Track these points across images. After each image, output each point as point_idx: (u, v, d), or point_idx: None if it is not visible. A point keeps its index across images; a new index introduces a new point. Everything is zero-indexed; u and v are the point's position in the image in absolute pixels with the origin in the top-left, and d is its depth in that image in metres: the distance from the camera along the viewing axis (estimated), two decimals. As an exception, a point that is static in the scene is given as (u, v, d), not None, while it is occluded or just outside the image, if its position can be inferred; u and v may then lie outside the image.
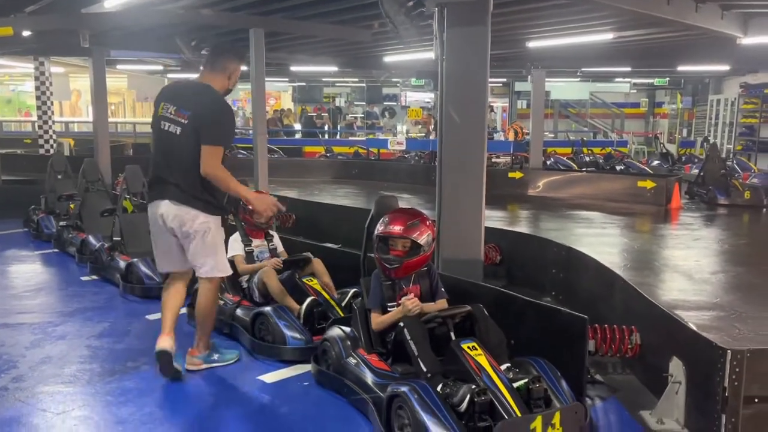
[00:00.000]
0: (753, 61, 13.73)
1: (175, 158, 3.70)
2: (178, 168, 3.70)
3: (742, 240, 7.97)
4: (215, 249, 3.85)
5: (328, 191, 11.57)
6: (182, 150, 3.66)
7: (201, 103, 3.68)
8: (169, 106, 3.71)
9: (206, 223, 3.74)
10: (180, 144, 3.66)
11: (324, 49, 11.65)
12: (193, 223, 3.71)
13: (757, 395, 2.91)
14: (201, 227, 3.73)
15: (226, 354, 4.13)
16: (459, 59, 4.47)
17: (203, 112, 3.66)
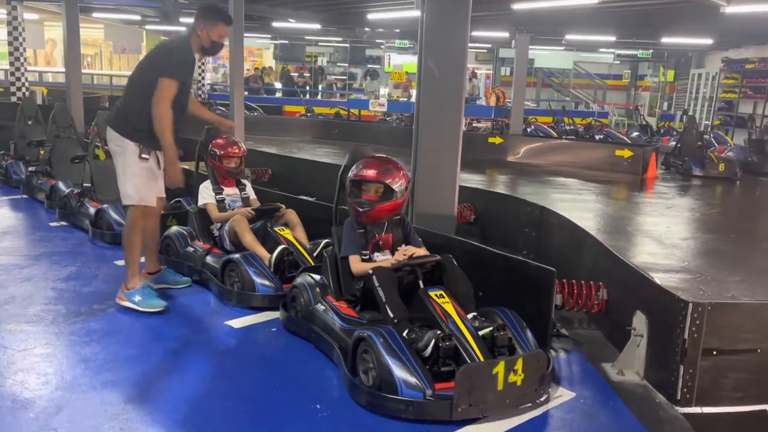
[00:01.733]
0: (736, 35, 13.76)
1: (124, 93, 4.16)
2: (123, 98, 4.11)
3: (714, 209, 8.10)
4: (125, 175, 3.94)
5: (307, 150, 11.46)
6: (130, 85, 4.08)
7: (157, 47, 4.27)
8: None
9: (120, 146, 3.92)
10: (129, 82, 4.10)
11: (307, 2, 11.41)
12: (110, 143, 3.99)
13: (715, 348, 2.96)
14: (113, 148, 3.97)
15: (150, 300, 3.99)
16: (439, 11, 4.39)
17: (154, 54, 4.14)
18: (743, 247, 5.94)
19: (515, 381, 2.87)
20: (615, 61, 22.40)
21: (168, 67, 3.85)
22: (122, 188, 3.97)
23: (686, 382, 2.96)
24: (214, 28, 4.02)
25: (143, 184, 3.97)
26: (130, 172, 3.92)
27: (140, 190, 3.96)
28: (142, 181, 3.96)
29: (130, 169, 3.91)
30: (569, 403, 3.09)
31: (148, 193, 3.99)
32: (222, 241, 4.76)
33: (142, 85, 3.91)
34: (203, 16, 4.04)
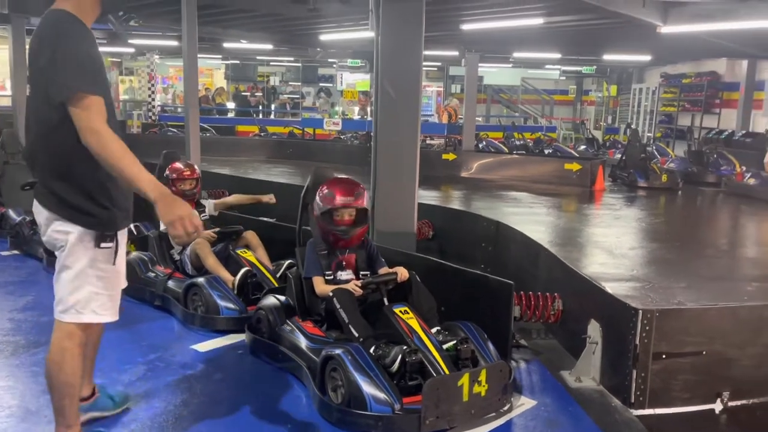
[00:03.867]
0: (673, 51, 14.44)
1: (30, 132, 2.47)
2: (31, 145, 2.48)
3: (659, 219, 8.44)
4: (72, 279, 2.44)
5: (263, 170, 11.46)
6: (33, 117, 2.43)
7: (37, 42, 2.36)
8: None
9: (63, 234, 2.42)
10: (31, 110, 2.45)
11: (259, 24, 11.48)
12: (46, 230, 2.46)
13: (664, 352, 3.15)
14: (55, 238, 2.45)
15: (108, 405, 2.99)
16: (394, 34, 4.54)
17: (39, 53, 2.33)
18: (687, 254, 6.21)
19: (479, 392, 2.98)
20: (561, 77, 23.12)
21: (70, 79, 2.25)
22: (61, 294, 2.48)
23: (639, 386, 3.13)
24: None
25: (107, 287, 2.51)
26: (85, 275, 2.44)
27: (99, 300, 2.49)
28: (105, 284, 2.50)
29: (85, 272, 2.43)
30: (531, 411, 3.22)
31: (114, 303, 2.56)
32: (183, 265, 4.75)
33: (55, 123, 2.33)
34: None
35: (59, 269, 2.47)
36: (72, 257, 2.42)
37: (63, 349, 2.50)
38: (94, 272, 2.45)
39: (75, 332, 2.51)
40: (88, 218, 2.41)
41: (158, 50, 17.60)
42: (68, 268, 2.44)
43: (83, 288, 2.45)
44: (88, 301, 2.47)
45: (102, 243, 2.44)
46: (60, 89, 2.25)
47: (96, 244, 2.43)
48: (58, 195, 2.40)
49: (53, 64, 2.26)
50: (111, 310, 2.55)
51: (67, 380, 2.52)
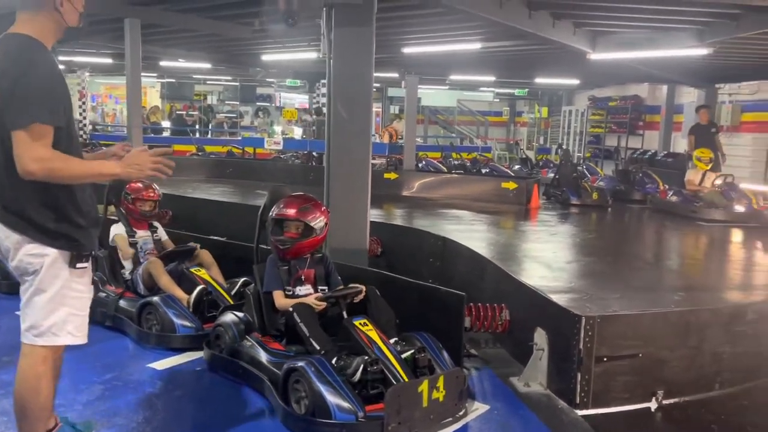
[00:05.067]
0: (598, 76, 15.26)
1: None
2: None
3: (591, 235, 8.88)
4: (48, 302, 2.43)
5: (203, 190, 11.32)
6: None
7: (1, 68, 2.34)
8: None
9: (38, 257, 2.41)
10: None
11: (201, 44, 11.48)
12: (16, 255, 2.42)
13: (605, 355, 3.40)
14: (28, 262, 2.42)
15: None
16: (346, 57, 4.72)
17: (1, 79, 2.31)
18: (619, 267, 6.58)
19: (438, 397, 3.14)
20: (495, 98, 23.94)
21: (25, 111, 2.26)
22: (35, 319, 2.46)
23: (583, 388, 3.37)
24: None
25: (82, 308, 2.53)
26: (61, 297, 2.45)
27: (74, 321, 2.50)
28: (80, 305, 2.52)
29: (61, 293, 2.44)
30: (485, 415, 3.40)
31: (82, 324, 2.56)
32: (135, 284, 4.73)
33: None
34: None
35: (32, 293, 2.43)
36: (47, 280, 2.40)
37: (38, 375, 2.47)
38: (71, 293, 2.46)
39: (48, 356, 2.49)
40: (65, 240, 2.41)
41: (90, 67, 17.19)
42: (43, 292, 2.42)
43: (59, 310, 2.44)
44: (65, 323, 2.46)
45: (78, 263, 2.45)
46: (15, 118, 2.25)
47: (72, 265, 2.43)
48: (32, 218, 2.37)
49: (13, 94, 2.26)
50: (84, 332, 2.55)
51: (45, 405, 2.51)
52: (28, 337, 2.48)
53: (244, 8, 7.70)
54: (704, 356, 3.64)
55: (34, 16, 2.41)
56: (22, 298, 2.49)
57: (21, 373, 2.50)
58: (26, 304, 2.47)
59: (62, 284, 2.43)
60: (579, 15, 7.74)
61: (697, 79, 12.66)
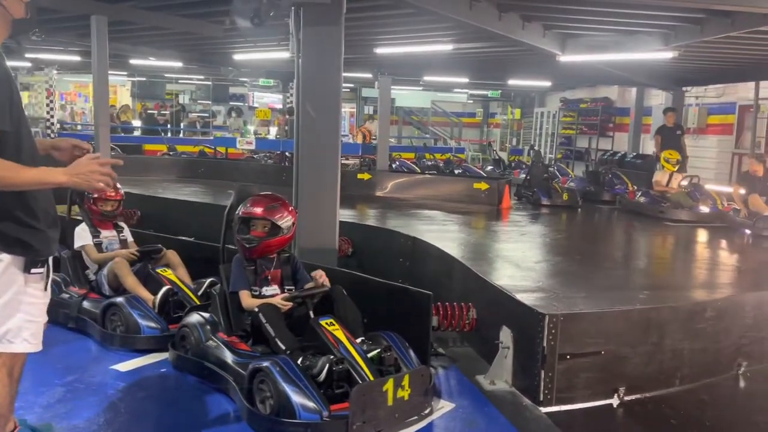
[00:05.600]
0: (570, 78, 15.46)
1: None
2: None
3: (561, 235, 8.99)
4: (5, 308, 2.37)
5: (173, 190, 11.23)
6: None
7: None
8: None
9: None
10: None
11: (171, 42, 11.34)
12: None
13: (568, 352, 3.45)
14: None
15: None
16: (314, 57, 4.72)
17: None
18: (587, 267, 6.67)
19: (403, 396, 3.16)
20: (468, 100, 24.09)
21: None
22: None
23: (546, 385, 3.41)
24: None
25: (37, 314, 2.47)
26: (16, 302, 2.38)
27: (30, 328, 2.43)
28: (35, 311, 2.46)
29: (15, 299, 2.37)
30: (450, 413, 3.43)
31: (38, 331, 2.49)
32: (99, 285, 4.67)
33: None
34: None
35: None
36: (1, 287, 2.33)
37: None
38: (26, 299, 2.39)
39: (4, 363, 2.42)
40: (19, 245, 2.33)
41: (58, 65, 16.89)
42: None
43: (14, 316, 2.37)
44: (20, 330, 2.39)
45: (33, 269, 2.38)
46: None
47: (26, 270, 2.37)
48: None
49: None
50: (40, 339, 2.49)
51: (1, 412, 2.46)
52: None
53: (215, 6, 7.63)
54: (664, 353, 3.72)
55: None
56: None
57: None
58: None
59: (17, 290, 2.36)
60: (548, 17, 7.83)
61: (665, 82, 12.90)
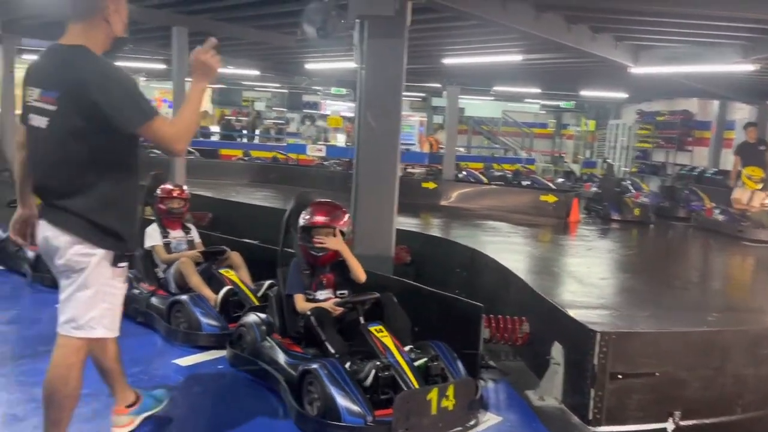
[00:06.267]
0: (647, 90, 14.97)
1: (45, 164, 2.58)
2: (50, 176, 2.57)
3: (630, 251, 8.74)
4: (90, 297, 2.57)
5: (245, 193, 11.62)
6: (55, 151, 2.51)
7: (73, 79, 2.45)
8: (34, 90, 2.55)
9: (86, 256, 2.53)
10: (49, 142, 2.51)
11: (247, 52, 11.76)
12: (66, 254, 2.53)
13: (620, 372, 3.36)
14: (74, 261, 2.53)
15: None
16: (377, 68, 4.81)
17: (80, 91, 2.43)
18: (654, 285, 6.46)
19: (447, 406, 3.17)
20: (540, 110, 23.70)
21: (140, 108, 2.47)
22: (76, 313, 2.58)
23: (596, 404, 3.34)
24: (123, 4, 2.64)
25: (117, 303, 2.69)
26: (102, 294, 2.58)
27: (110, 316, 2.65)
28: (116, 301, 2.68)
29: (102, 290, 2.58)
30: (496, 426, 3.41)
31: (116, 319, 2.71)
32: (167, 283, 4.90)
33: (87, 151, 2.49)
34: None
35: (76, 289, 2.56)
36: (92, 278, 2.55)
37: (70, 365, 2.63)
38: (110, 290, 2.61)
39: (83, 348, 2.64)
40: (113, 240, 2.56)
41: (145, 72, 17.80)
42: (86, 288, 2.56)
43: (98, 306, 2.59)
44: (102, 318, 2.61)
45: (120, 263, 2.61)
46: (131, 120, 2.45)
47: (114, 264, 2.59)
48: (93, 220, 2.51)
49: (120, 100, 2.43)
50: (117, 326, 2.72)
51: (72, 394, 2.65)
52: (65, 329, 2.62)
53: (287, 18, 7.86)
54: (726, 378, 3.56)
55: (86, 27, 2.54)
56: (61, 293, 2.62)
57: (54, 362, 2.65)
58: (67, 298, 2.60)
59: (104, 282, 2.58)
60: (620, 29, 7.65)
61: (748, 96, 12.30)
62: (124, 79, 2.51)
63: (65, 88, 2.45)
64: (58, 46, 2.57)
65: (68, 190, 2.52)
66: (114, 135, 2.48)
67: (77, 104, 2.43)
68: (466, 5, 5.76)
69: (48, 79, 2.51)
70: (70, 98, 2.44)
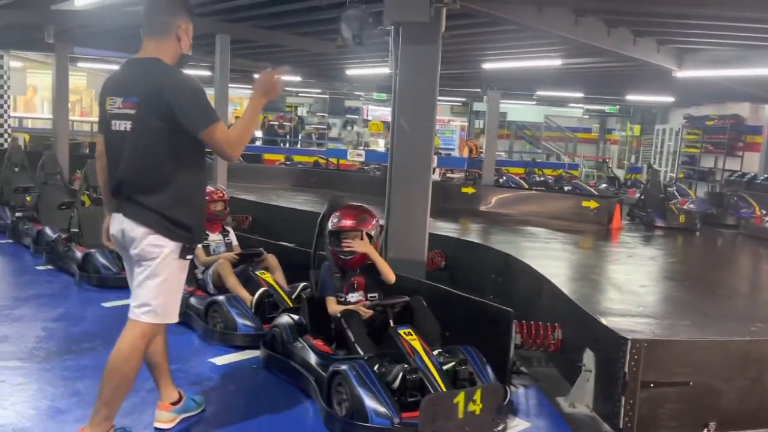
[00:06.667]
0: (695, 94, 14.61)
1: (128, 161, 2.82)
2: (131, 172, 2.83)
3: (673, 259, 8.53)
4: (158, 285, 2.83)
5: (286, 197, 11.81)
6: (136, 149, 2.80)
7: (150, 86, 2.76)
8: (116, 99, 2.85)
9: (158, 247, 2.80)
10: (132, 142, 2.80)
11: (288, 58, 11.97)
12: (140, 244, 2.80)
13: (652, 380, 3.31)
14: (147, 251, 2.80)
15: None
16: (411, 74, 4.85)
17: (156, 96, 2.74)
18: (697, 294, 6.32)
19: (474, 410, 3.17)
20: (584, 115, 23.34)
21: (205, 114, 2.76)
22: (146, 298, 2.84)
23: (627, 412, 3.29)
24: (186, 24, 2.94)
25: (180, 293, 3.00)
26: (169, 282, 2.86)
27: (172, 304, 2.94)
28: (180, 291, 2.99)
29: (169, 279, 2.86)
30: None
31: (177, 307, 3.00)
32: (205, 284, 5.04)
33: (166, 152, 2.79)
34: (187, 7, 2.99)
35: (147, 276, 2.83)
36: (162, 266, 2.82)
37: (134, 347, 2.85)
38: (176, 280, 2.92)
39: (148, 332, 2.89)
40: (183, 234, 2.84)
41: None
42: (157, 276, 2.82)
43: (167, 294, 2.88)
44: (168, 305, 2.90)
45: (186, 255, 2.89)
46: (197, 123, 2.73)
47: (182, 256, 2.87)
48: (165, 214, 2.79)
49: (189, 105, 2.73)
50: (177, 312, 3.01)
51: (129, 375, 2.86)
52: (135, 314, 2.88)
53: (326, 25, 7.99)
54: (764, 389, 3.46)
55: (159, 43, 2.88)
56: (134, 280, 2.90)
57: (120, 343, 2.87)
58: (139, 285, 2.86)
59: (172, 271, 2.87)
60: (663, 32, 7.50)
61: (802, 99, 11.89)
62: (194, 87, 2.79)
63: (144, 94, 2.77)
64: (135, 59, 2.92)
65: (145, 186, 2.81)
66: (186, 136, 2.76)
67: (154, 107, 2.74)
68: (501, 11, 5.75)
69: (128, 88, 2.83)
70: (148, 102, 2.76)
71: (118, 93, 2.86)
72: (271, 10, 7.52)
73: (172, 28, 2.88)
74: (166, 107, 2.72)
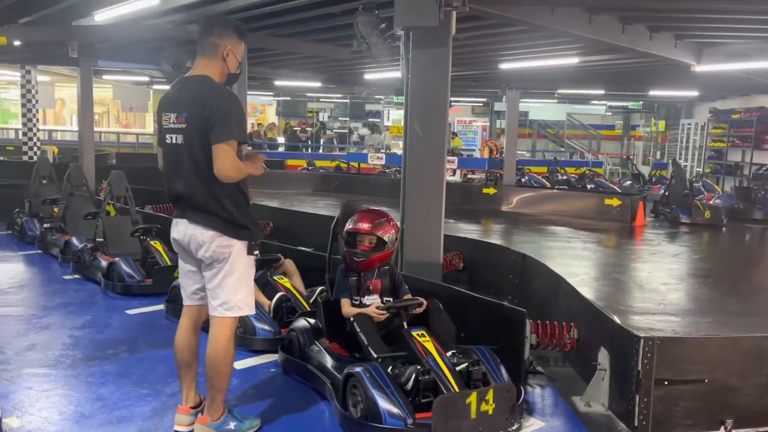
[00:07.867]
0: (719, 87, 14.37)
1: (184, 171, 3.07)
2: (188, 181, 3.07)
3: (697, 255, 8.42)
4: (236, 282, 3.12)
5: (308, 202, 11.93)
6: (189, 159, 3.03)
7: (196, 99, 3.00)
8: (170, 115, 3.09)
9: (227, 247, 3.07)
10: (186, 154, 3.04)
11: (306, 65, 12.10)
12: (210, 246, 3.06)
13: (667, 378, 3.29)
14: (218, 252, 3.06)
15: (244, 422, 3.31)
16: (422, 78, 4.89)
17: (200, 108, 2.96)
18: (720, 291, 6.24)
19: (487, 410, 3.20)
20: (607, 112, 23.09)
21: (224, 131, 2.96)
22: (227, 296, 3.10)
23: (642, 410, 3.28)
24: (235, 46, 3.17)
25: (252, 288, 3.27)
26: (244, 278, 3.16)
27: (250, 297, 3.24)
28: (252, 284, 3.27)
29: (244, 273, 3.15)
30: (539, 431, 3.40)
31: (253, 299, 3.28)
32: (225, 290, 5.12)
33: None
34: (229, 29, 3.16)
35: (224, 276, 3.10)
36: (235, 265, 3.10)
37: (227, 338, 3.16)
38: (249, 275, 3.21)
39: (234, 325, 3.21)
40: (247, 232, 3.12)
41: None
42: (232, 274, 3.10)
43: (243, 288, 3.17)
44: (246, 298, 3.20)
45: (253, 251, 3.18)
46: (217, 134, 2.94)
47: (249, 252, 3.16)
48: (227, 218, 3.06)
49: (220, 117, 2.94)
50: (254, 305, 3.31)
51: (230, 363, 3.22)
52: (219, 311, 3.15)
53: (341, 31, 8.07)
54: (783, 386, 3.43)
55: (208, 62, 3.12)
56: (209, 281, 3.14)
57: (214, 339, 3.16)
58: (217, 285, 3.12)
59: (244, 268, 3.16)
60: (680, 27, 7.43)
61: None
62: (231, 102, 3.03)
63: (192, 108, 3.01)
64: (187, 77, 3.18)
65: (202, 196, 3.04)
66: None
67: (199, 120, 2.97)
68: (512, 12, 5.76)
69: (180, 104, 3.08)
70: (194, 116, 2.99)
71: (172, 109, 3.09)
72: (286, 19, 7.62)
73: (218, 49, 3.10)
74: (205, 119, 2.94)
